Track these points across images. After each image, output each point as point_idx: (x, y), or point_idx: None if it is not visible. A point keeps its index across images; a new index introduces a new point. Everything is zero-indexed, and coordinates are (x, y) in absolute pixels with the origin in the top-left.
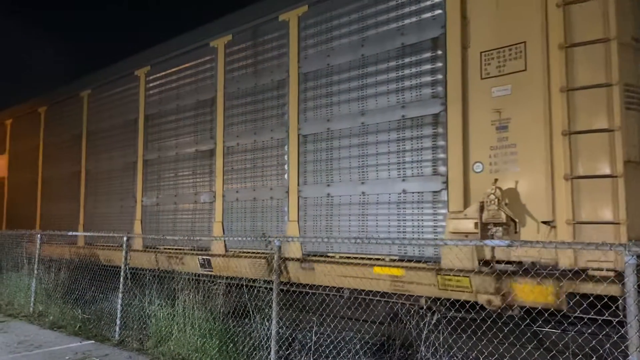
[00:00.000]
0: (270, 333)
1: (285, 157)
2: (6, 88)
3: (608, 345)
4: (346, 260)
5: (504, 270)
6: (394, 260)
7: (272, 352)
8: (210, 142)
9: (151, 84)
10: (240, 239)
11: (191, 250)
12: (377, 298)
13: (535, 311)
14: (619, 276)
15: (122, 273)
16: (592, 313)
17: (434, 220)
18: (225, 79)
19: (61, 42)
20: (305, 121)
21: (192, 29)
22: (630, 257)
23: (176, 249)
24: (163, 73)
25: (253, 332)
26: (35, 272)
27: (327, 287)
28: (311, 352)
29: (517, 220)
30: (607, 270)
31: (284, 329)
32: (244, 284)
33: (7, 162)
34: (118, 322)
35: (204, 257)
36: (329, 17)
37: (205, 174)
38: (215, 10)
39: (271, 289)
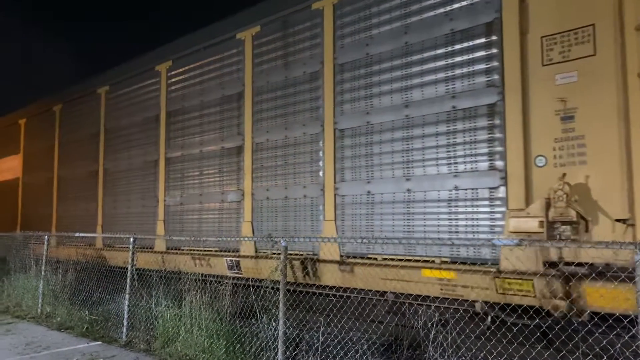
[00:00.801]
0: (278, 333)
1: (320, 153)
2: (19, 89)
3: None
4: (390, 263)
5: (574, 273)
6: (445, 263)
7: (280, 353)
8: (237, 138)
9: (173, 80)
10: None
11: (219, 251)
12: (426, 303)
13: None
14: None
15: (128, 274)
16: None
17: (491, 219)
18: (253, 73)
19: (79, 35)
20: (341, 115)
21: (216, 21)
22: None
23: (202, 251)
24: (186, 68)
25: (260, 332)
26: (43, 273)
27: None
28: (318, 352)
29: (589, 218)
30: None
31: (291, 329)
32: (251, 284)
33: (22, 163)
34: (125, 323)
35: (232, 258)
36: (367, 4)
37: (233, 172)
38: (241, 1)
39: (278, 289)
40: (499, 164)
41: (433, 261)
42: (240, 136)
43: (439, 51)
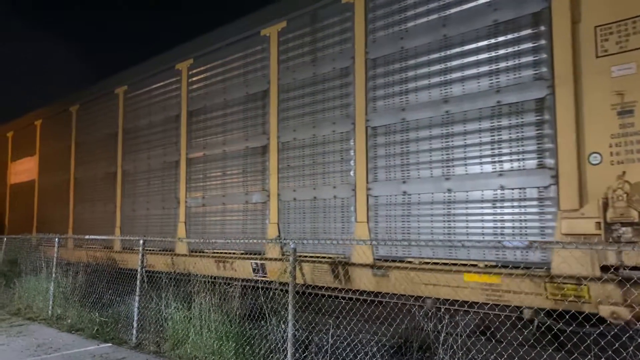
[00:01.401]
0: (287, 335)
1: (351, 152)
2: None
3: None
4: (430, 267)
5: (628, 278)
6: (490, 267)
7: (289, 355)
8: (262, 138)
9: (194, 78)
10: (292, 240)
11: (243, 254)
12: (465, 308)
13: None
14: None
15: (138, 276)
16: None
17: (541, 220)
18: (279, 70)
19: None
20: (374, 112)
21: (239, 18)
22: None
23: (226, 253)
24: (208, 66)
25: (269, 334)
26: (54, 275)
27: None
28: (328, 354)
29: None
30: None
31: (300, 331)
32: (260, 286)
33: (37, 164)
34: (135, 325)
35: (258, 261)
36: None
37: (257, 172)
38: None
39: (287, 291)
40: (549, 162)
41: (477, 265)
42: (265, 135)
43: (482, 44)
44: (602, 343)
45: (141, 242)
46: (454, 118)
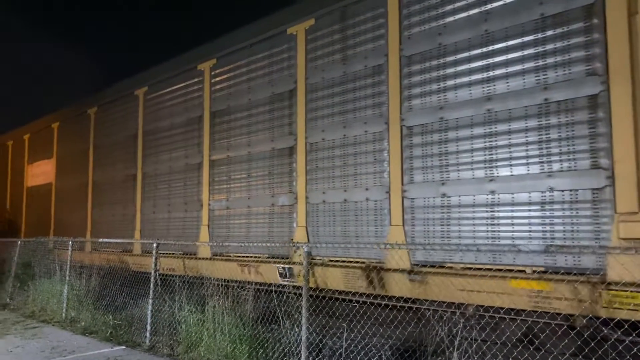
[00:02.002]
0: (301, 339)
1: (385, 152)
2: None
3: None
4: (472, 272)
5: None
6: (538, 272)
7: (303, 358)
8: (289, 138)
9: (217, 78)
10: (324, 245)
11: (269, 258)
12: (511, 316)
13: None
14: None
15: (152, 279)
16: None
17: (595, 223)
18: (307, 69)
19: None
20: (409, 111)
21: (263, 17)
22: None
23: (251, 257)
24: (231, 66)
25: (282, 337)
26: (67, 278)
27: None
28: (342, 358)
29: None
30: None
31: (314, 335)
32: (273, 289)
33: (55, 167)
34: (149, 327)
35: (285, 265)
36: None
37: (284, 174)
38: None
39: (300, 294)
40: (603, 162)
41: (525, 270)
42: (292, 136)
43: (527, 38)
44: None
45: (154, 245)
46: (497, 116)
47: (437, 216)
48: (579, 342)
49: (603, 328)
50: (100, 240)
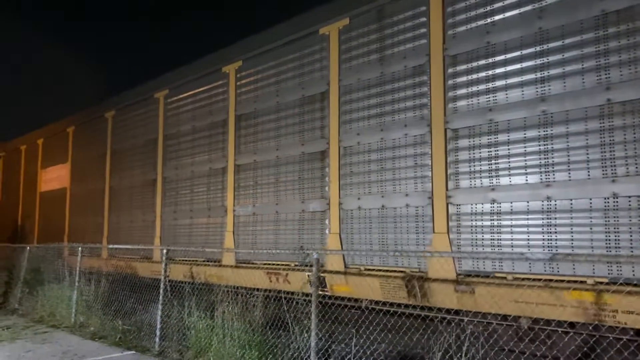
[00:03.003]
0: (310, 345)
1: (427, 156)
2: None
3: None
4: (524, 283)
5: None
6: (602, 284)
7: None
8: (321, 142)
9: (243, 81)
10: (355, 252)
11: (300, 265)
12: (563, 328)
13: None
14: None
15: (161, 285)
16: None
17: None
18: (340, 70)
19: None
20: (454, 113)
21: (293, 17)
22: None
23: (278, 265)
24: (258, 68)
25: (292, 343)
26: (77, 284)
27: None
28: None
29: None
30: None
31: (323, 340)
32: (283, 296)
33: (70, 172)
34: (158, 333)
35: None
36: None
37: (316, 179)
38: None
39: (309, 301)
40: None
41: (585, 282)
42: (324, 140)
43: (587, 36)
44: None
45: (164, 251)
46: (553, 118)
47: (486, 223)
48: None
49: None
50: (111, 246)
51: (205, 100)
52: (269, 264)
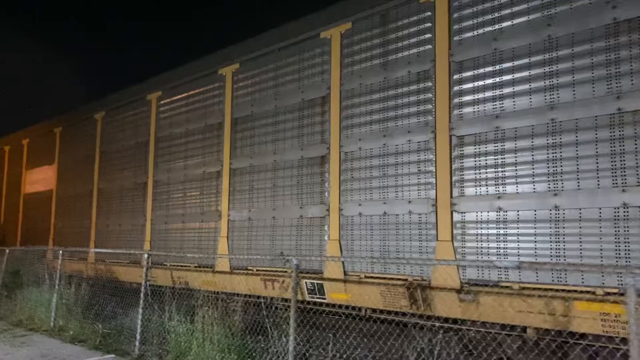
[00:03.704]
0: (288, 349)
1: (431, 163)
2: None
3: None
4: (530, 293)
5: None
6: (611, 294)
7: None
8: (321, 147)
9: (240, 84)
10: (360, 258)
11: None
12: (574, 340)
13: None
14: None
15: (142, 289)
16: None
17: None
18: (342, 74)
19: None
20: (460, 119)
21: (293, 20)
22: (631, 278)
23: (276, 271)
24: (257, 71)
25: (270, 347)
26: (57, 287)
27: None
28: None
29: None
30: None
31: (301, 345)
32: (263, 302)
33: (56, 173)
34: (138, 337)
35: (314, 281)
36: None
37: (315, 185)
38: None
39: (288, 306)
40: None
41: (594, 292)
42: (325, 145)
43: (597, 44)
44: None
45: (145, 256)
46: (562, 127)
47: (491, 232)
48: None
49: None
50: (92, 250)
51: (200, 102)
52: (265, 270)
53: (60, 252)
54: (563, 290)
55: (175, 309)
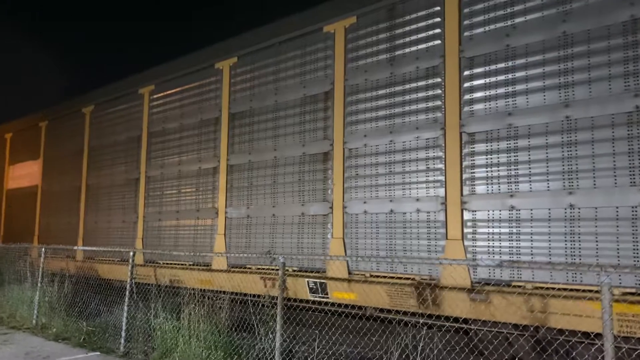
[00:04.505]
0: (275, 345)
1: (440, 160)
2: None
3: None
4: (544, 292)
5: None
6: (629, 294)
7: None
8: (324, 144)
9: (239, 78)
10: (363, 258)
11: (297, 271)
12: (587, 341)
13: None
14: None
15: (127, 287)
16: None
17: None
18: (346, 70)
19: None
20: (471, 116)
21: (295, 13)
22: (606, 276)
23: (275, 269)
24: (256, 65)
25: (257, 344)
26: (39, 284)
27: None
28: None
29: None
30: None
31: (288, 341)
32: (249, 299)
33: (41, 169)
34: (123, 334)
35: (316, 280)
36: None
37: (318, 181)
38: None
39: (275, 304)
40: None
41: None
42: (328, 141)
43: (615, 41)
44: None
45: (131, 254)
46: (577, 124)
47: (504, 230)
48: None
49: None
50: (76, 247)
51: (196, 97)
52: (264, 269)
53: (43, 249)
54: (577, 289)
55: (162, 306)
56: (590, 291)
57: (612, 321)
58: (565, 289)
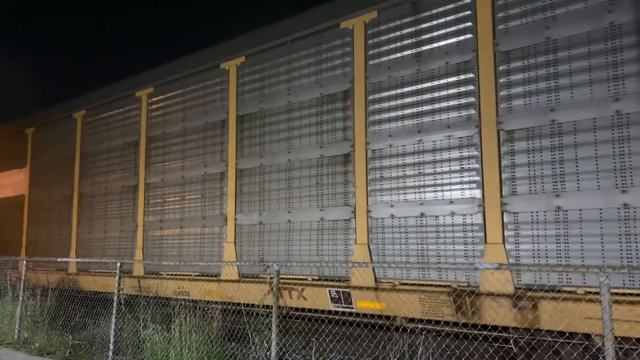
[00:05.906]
0: (270, 354)
1: (475, 160)
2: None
3: None
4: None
5: None
6: None
7: None
8: (343, 145)
9: (246, 78)
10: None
11: (318, 280)
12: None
13: None
14: None
15: (115, 298)
16: None
17: None
18: (367, 67)
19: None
20: (509, 112)
21: (308, 9)
22: (604, 277)
23: (293, 278)
24: (266, 64)
25: (251, 353)
26: (21, 298)
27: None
28: None
29: None
30: None
31: (283, 350)
32: (243, 309)
33: (28, 177)
34: (111, 347)
35: (340, 289)
36: None
37: (338, 185)
38: None
39: (270, 313)
40: None
41: None
42: (348, 142)
43: None
44: None
45: (118, 264)
46: (629, 119)
47: (550, 233)
48: None
49: None
50: (60, 259)
51: (199, 99)
52: (281, 278)
53: (24, 262)
54: (630, 293)
55: (151, 317)
56: None
57: (612, 321)
58: (622, 294)
